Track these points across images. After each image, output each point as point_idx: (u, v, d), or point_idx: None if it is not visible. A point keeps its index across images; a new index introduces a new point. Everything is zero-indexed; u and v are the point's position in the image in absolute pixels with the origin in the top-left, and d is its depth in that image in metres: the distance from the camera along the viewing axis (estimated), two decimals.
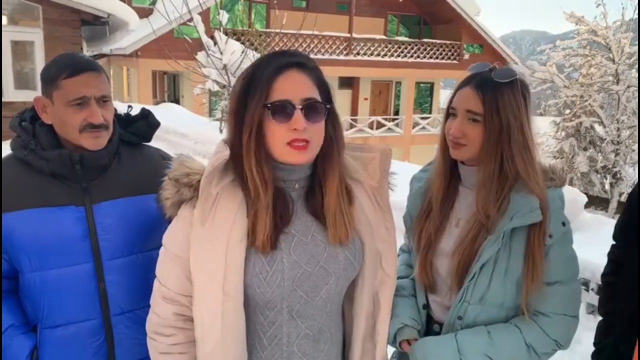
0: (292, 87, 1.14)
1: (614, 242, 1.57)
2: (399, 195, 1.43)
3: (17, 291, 1.50)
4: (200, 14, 7.11)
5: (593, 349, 1.56)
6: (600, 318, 1.59)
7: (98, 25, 10.38)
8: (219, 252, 1.14)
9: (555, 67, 16.98)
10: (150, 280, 1.53)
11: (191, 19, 7.15)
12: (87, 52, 11.58)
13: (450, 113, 1.40)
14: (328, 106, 1.17)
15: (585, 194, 7.42)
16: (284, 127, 1.13)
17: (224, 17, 7.13)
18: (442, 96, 28.90)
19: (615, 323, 1.48)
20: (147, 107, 1.71)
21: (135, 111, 1.65)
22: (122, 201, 1.48)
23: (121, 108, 1.64)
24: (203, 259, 1.16)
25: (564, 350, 1.40)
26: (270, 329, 1.21)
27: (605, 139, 15.78)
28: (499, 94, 1.32)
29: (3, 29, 10.00)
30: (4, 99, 9.64)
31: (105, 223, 1.45)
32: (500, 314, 1.37)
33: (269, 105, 1.12)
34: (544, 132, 17.77)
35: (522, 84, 1.35)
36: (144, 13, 14.79)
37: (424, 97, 24.54)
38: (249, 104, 1.14)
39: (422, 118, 21.61)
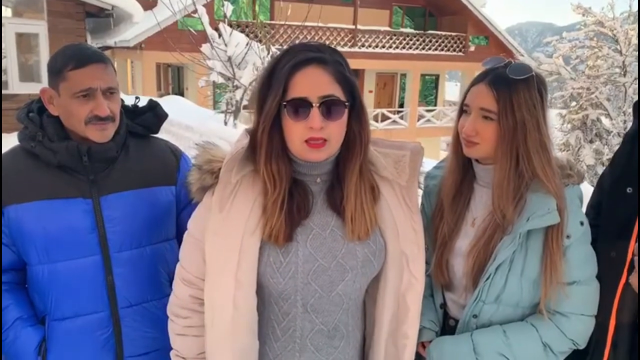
0: (310, 84, 1.12)
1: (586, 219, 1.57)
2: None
3: (25, 283, 1.50)
4: (204, 5, 7.07)
5: None
6: None
7: (102, 17, 10.35)
8: (234, 240, 1.15)
9: (562, 59, 16.87)
10: (158, 273, 1.53)
11: (195, 11, 7.12)
12: (91, 44, 11.58)
13: (463, 110, 1.37)
14: (347, 103, 1.15)
15: (592, 186, 7.38)
16: (300, 125, 1.12)
17: (228, 9, 7.10)
18: (447, 88, 28.79)
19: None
20: (153, 98, 1.70)
21: (142, 103, 1.64)
22: (130, 193, 1.47)
23: (127, 100, 1.63)
24: (218, 245, 1.17)
25: (581, 348, 1.38)
26: (284, 320, 1.21)
27: (612, 131, 15.69)
28: (513, 91, 1.28)
29: (7, 21, 10.00)
30: (8, 91, 9.66)
31: (113, 216, 1.44)
32: (516, 313, 1.35)
33: (285, 102, 1.12)
34: (550, 124, 17.72)
35: (539, 79, 1.32)
36: (148, 5, 14.75)
37: (429, 89, 24.44)
38: (267, 98, 1.13)
39: (427, 110, 21.52)
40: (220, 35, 7.03)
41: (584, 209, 1.41)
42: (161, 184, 1.53)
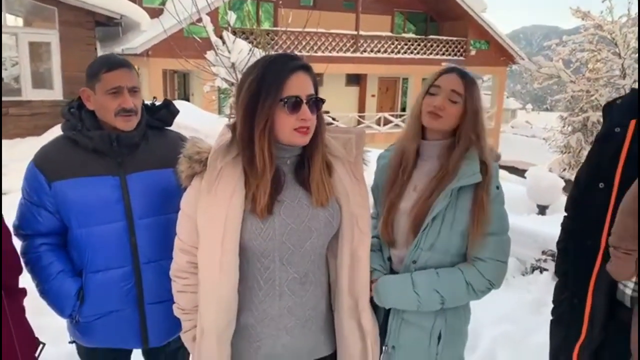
0: (301, 85, 1.43)
1: (565, 214, 1.80)
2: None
3: (66, 245, 1.86)
4: (208, 14, 7.41)
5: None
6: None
7: (111, 26, 10.69)
8: (220, 214, 1.43)
9: (563, 62, 17.06)
10: (170, 237, 1.85)
11: (200, 20, 7.47)
12: (100, 52, 11.93)
13: (430, 92, 1.70)
14: (323, 100, 1.48)
15: None
16: (293, 117, 1.42)
17: (231, 17, 7.45)
18: None
19: (568, 282, 1.68)
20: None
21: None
22: (149, 173, 1.83)
23: (146, 101, 1.99)
24: (208, 219, 1.46)
25: (497, 289, 1.72)
26: (265, 273, 1.51)
27: None
28: (474, 85, 1.68)
29: (21, 30, 10.39)
30: (22, 98, 10.04)
31: (136, 190, 1.80)
32: (446, 260, 1.69)
33: (284, 99, 1.41)
34: (551, 127, 17.90)
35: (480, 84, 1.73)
36: (155, 13, 15.11)
37: None
38: (263, 99, 1.39)
39: None
40: (224, 42, 7.38)
41: (560, 198, 1.74)
42: (173, 166, 1.89)
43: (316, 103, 1.46)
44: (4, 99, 9.81)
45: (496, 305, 3.18)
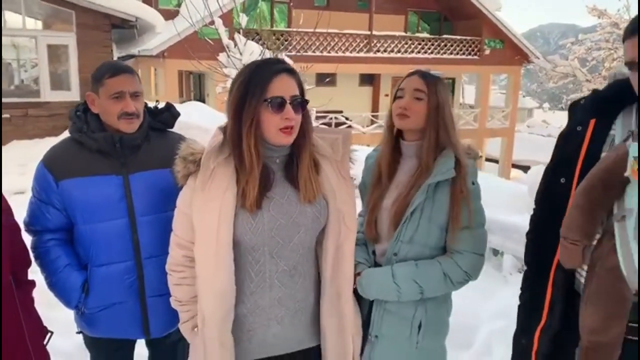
0: (285, 87, 1.53)
1: (534, 206, 1.83)
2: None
3: (72, 240, 1.98)
4: (221, 17, 7.54)
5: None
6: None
7: (127, 28, 10.87)
8: (214, 210, 1.52)
9: (578, 60, 16.93)
10: (170, 234, 1.97)
11: (213, 22, 7.61)
12: (117, 53, 12.16)
13: (397, 96, 1.82)
14: (307, 101, 1.57)
15: None
16: (278, 117, 1.51)
17: (243, 19, 7.58)
18: (467, 92, 28.88)
19: (531, 272, 1.71)
20: (175, 104, 2.16)
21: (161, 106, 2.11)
22: (151, 173, 1.93)
23: (151, 104, 2.09)
24: (202, 215, 1.55)
25: (474, 281, 1.80)
26: (256, 265, 1.60)
27: None
28: (436, 81, 1.78)
29: (39, 33, 10.64)
30: (40, 99, 10.27)
31: (138, 189, 1.91)
32: (425, 252, 1.78)
33: (267, 100, 1.51)
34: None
35: (445, 82, 1.82)
36: (170, 15, 15.34)
37: None
38: (249, 100, 1.51)
39: None
40: (235, 44, 7.51)
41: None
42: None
43: (301, 104, 1.55)
44: (24, 100, 10.08)
45: (493, 302, 3.25)
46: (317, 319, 1.70)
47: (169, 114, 2.06)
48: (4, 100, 9.78)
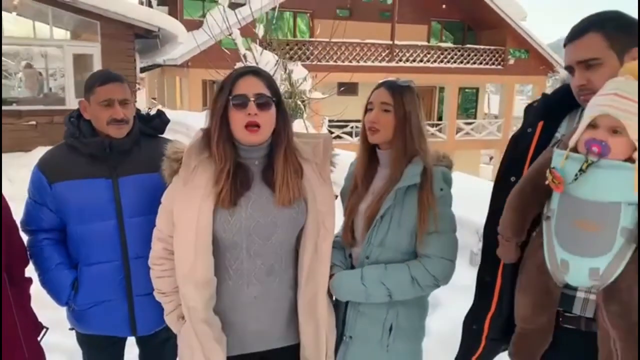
0: (248, 86, 1.63)
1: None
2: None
3: (64, 240, 2.07)
4: (240, 29, 7.70)
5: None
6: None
7: (150, 38, 11.15)
8: (194, 205, 1.61)
9: None
10: None
11: (231, 33, 7.74)
12: (140, 63, 12.43)
13: (368, 109, 1.87)
14: (274, 99, 1.65)
15: None
16: (241, 114, 1.61)
17: (260, 30, 7.71)
18: (492, 102, 28.49)
19: (483, 263, 1.76)
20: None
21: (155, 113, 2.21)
22: (139, 177, 2.01)
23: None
24: (183, 210, 1.63)
25: (444, 286, 1.82)
26: (234, 263, 1.67)
27: None
28: (403, 91, 1.81)
29: (66, 43, 10.99)
30: (65, 107, 10.57)
31: (126, 191, 1.99)
32: (396, 256, 1.81)
33: (231, 97, 1.61)
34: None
35: (416, 90, 1.85)
36: (195, 25, 15.63)
37: (470, 102, 24.43)
38: (219, 100, 1.64)
39: (466, 123, 21.49)
40: (252, 54, 7.63)
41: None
42: None
43: (267, 102, 1.63)
44: (50, 107, 10.40)
45: None
46: (295, 317, 1.75)
47: (160, 121, 2.15)
48: (32, 107, 10.16)
